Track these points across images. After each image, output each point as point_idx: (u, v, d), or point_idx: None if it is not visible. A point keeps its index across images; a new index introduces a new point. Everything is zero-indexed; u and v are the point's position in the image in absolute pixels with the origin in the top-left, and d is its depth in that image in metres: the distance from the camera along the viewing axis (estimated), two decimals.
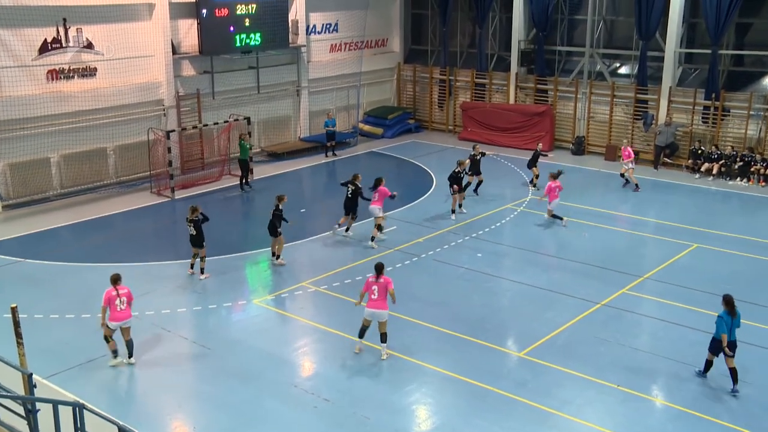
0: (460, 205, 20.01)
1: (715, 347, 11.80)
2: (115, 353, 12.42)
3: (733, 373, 11.64)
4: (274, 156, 26.82)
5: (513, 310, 14.77)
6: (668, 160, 25.31)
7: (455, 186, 19.72)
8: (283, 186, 23.55)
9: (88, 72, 21.86)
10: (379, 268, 12.67)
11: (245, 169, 22.71)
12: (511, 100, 29.10)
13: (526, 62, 28.74)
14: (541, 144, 23.89)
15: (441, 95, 31.37)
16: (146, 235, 19.26)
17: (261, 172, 24.55)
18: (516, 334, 13.83)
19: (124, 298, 12.37)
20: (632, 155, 22.69)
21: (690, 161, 24.79)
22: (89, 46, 21.79)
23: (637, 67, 26.17)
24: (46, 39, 20.83)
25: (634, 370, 12.44)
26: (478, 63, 29.97)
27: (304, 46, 27.73)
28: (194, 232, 15.76)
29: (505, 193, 22.65)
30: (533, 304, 14.93)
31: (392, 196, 18.19)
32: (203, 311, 14.67)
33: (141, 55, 23.00)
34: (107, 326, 12.20)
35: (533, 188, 22.46)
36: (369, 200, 17.90)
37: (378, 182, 18.03)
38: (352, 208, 18.18)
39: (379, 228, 18.07)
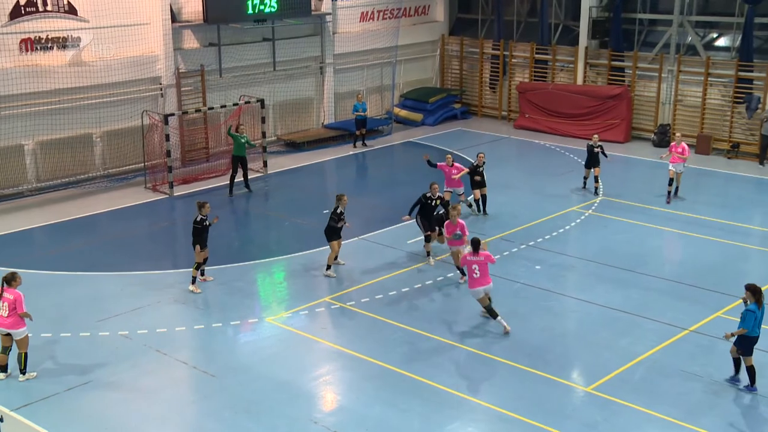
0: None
1: (747, 346, 12.42)
2: (3, 368, 12.70)
3: (751, 371, 12.51)
4: (293, 146, 26.98)
5: (580, 336, 14.61)
6: None
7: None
8: (303, 182, 23.71)
9: (70, 42, 22.17)
10: (476, 244, 14.31)
11: (241, 166, 22.23)
12: (579, 81, 28.88)
13: (598, 34, 28.52)
14: (596, 136, 22.32)
15: (493, 74, 31.26)
16: (139, 238, 19.48)
17: (277, 164, 24.69)
18: (583, 364, 13.66)
19: (5, 303, 12.68)
20: (687, 153, 21.23)
21: None
22: (71, 10, 22.10)
23: (740, 38, 25.76)
24: (18, 1, 21.12)
25: (732, 413, 12.19)
26: (539, 35, 29.80)
27: (330, 14, 27.85)
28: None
29: (570, 193, 22.45)
30: (605, 329, 14.74)
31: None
32: (206, 330, 14.77)
33: (134, 22, 23.28)
34: None
35: (584, 189, 22.12)
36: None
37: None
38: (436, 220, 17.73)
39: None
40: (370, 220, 19.30)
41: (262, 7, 25.17)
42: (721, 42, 27.24)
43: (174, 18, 24.06)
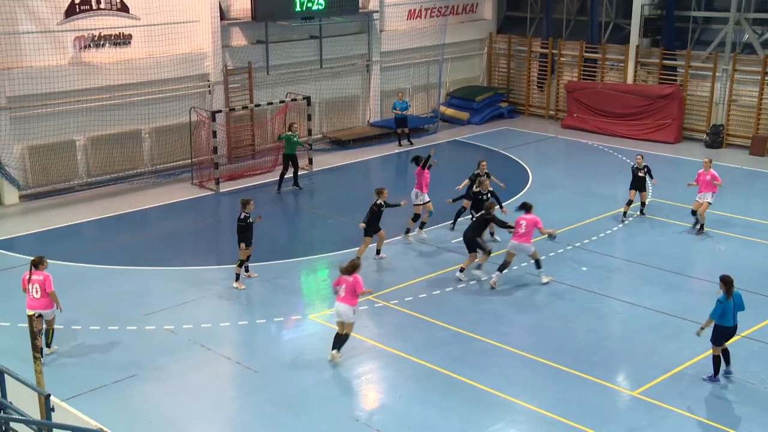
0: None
1: (718, 336, 12.68)
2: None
3: (725, 353, 12.84)
4: (339, 144, 27.12)
5: (626, 339, 14.47)
6: None
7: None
8: (349, 179, 23.83)
9: (122, 40, 22.60)
10: (527, 207, 16.42)
11: (292, 164, 22.43)
12: (630, 80, 28.52)
13: (650, 32, 28.14)
14: (640, 157, 20.19)
15: (541, 73, 31.03)
16: (185, 234, 19.77)
17: (323, 162, 24.84)
18: (630, 368, 13.54)
19: (36, 285, 13.18)
20: (719, 180, 18.86)
21: None
22: (123, 8, 22.52)
23: None
24: (73, 0, 21.62)
25: None
26: (588, 33, 29.50)
27: (377, 11, 27.93)
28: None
29: (618, 193, 22.15)
30: (652, 332, 14.58)
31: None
32: (250, 326, 14.93)
33: (183, 20, 23.64)
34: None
35: (624, 219, 19.88)
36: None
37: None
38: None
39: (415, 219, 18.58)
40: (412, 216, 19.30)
41: (310, 4, 25.33)
42: None
43: (223, 15, 24.34)
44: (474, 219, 17.32)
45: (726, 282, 12.78)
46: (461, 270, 16.77)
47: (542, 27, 30.83)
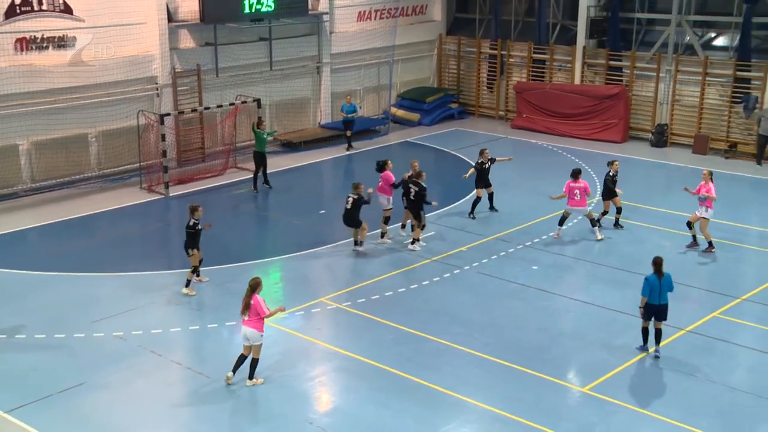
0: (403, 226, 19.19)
1: (646, 311, 13.57)
2: None
3: (658, 334, 13.63)
4: (290, 146, 26.98)
5: (576, 336, 14.59)
6: None
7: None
8: (300, 182, 23.69)
9: (66, 42, 22.14)
10: (576, 173, 18.41)
11: (261, 163, 22.59)
12: (577, 80, 28.88)
13: (596, 33, 28.54)
14: (616, 163, 19.70)
15: (491, 74, 31.25)
16: (134, 239, 19.47)
17: (274, 164, 24.63)
18: (580, 365, 13.67)
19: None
20: (713, 194, 17.76)
21: None
22: (67, 10, 22.06)
23: (739, 37, 25.78)
24: (13, 1, 21.09)
25: (728, 414, 12.19)
26: (536, 34, 29.79)
27: (327, 13, 27.86)
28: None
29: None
30: (601, 329, 14.75)
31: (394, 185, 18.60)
32: (201, 331, 14.76)
33: (130, 22, 23.23)
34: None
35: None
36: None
37: (383, 166, 18.54)
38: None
39: (386, 221, 18.58)
40: (368, 220, 19.27)
41: (259, 6, 25.14)
42: (719, 41, 27.25)
43: (170, 17, 24.03)
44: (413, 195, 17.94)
45: (654, 263, 13.61)
46: (402, 227, 18.54)
47: (491, 28, 31.06)
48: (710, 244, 17.98)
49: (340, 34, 28.76)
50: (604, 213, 19.56)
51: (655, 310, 13.57)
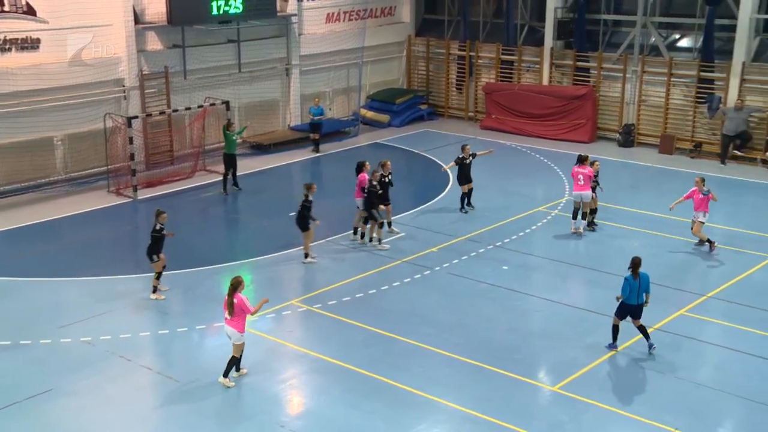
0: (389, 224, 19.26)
1: (621, 310, 13.72)
2: None
3: (642, 330, 13.77)
4: (259, 148, 26.87)
5: (546, 335, 14.68)
6: (739, 153, 25.22)
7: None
8: (270, 184, 23.61)
9: (29, 44, 21.84)
10: (582, 159, 18.84)
11: (231, 165, 22.48)
12: (545, 81, 29.07)
13: (563, 34, 28.73)
14: (596, 163, 19.51)
15: (460, 75, 31.35)
16: (102, 243, 19.24)
17: (243, 167, 24.49)
18: (550, 364, 13.75)
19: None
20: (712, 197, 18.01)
21: (766, 154, 24.69)
22: (30, 11, 21.76)
23: (702, 38, 26.10)
24: None
25: (696, 410, 12.33)
26: (504, 36, 29.95)
27: (295, 15, 27.79)
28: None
29: (536, 192, 22.59)
30: (571, 328, 14.85)
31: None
32: (171, 335, 14.63)
33: (95, 24, 22.95)
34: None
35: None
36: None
37: (360, 167, 18.58)
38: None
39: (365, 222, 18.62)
40: (338, 222, 19.25)
41: (227, 8, 25.00)
42: (684, 43, 27.60)
43: (137, 19, 23.83)
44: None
45: (633, 263, 13.74)
46: (354, 231, 18.74)
47: (460, 30, 31.16)
48: (711, 242, 18.11)
49: (309, 35, 28.70)
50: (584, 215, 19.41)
51: (631, 310, 13.71)
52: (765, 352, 13.84)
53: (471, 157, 20.62)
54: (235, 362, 12.94)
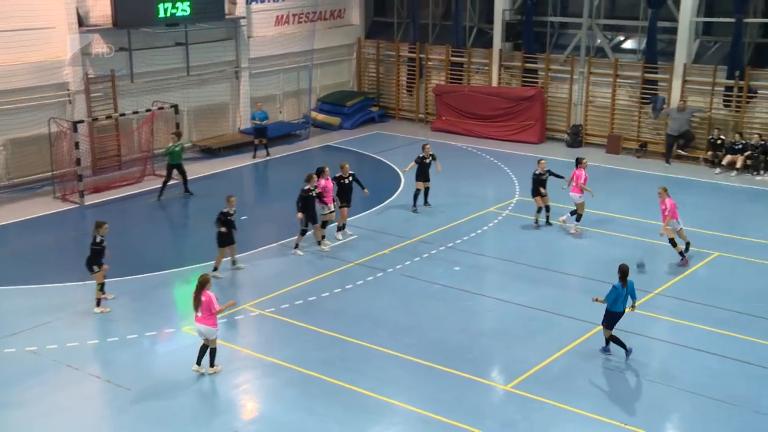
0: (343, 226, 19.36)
1: (609, 320, 13.63)
2: None
3: (615, 340, 13.71)
4: (208, 152, 26.63)
5: (498, 335, 14.78)
6: (682, 152, 25.73)
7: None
8: (220, 188, 23.35)
9: None
10: (579, 161, 19.45)
11: (179, 172, 22.31)
12: (494, 83, 29.32)
13: (511, 36, 29.01)
14: (543, 162, 20.02)
15: (410, 77, 31.47)
16: (48, 250, 18.89)
17: (193, 171, 24.26)
18: (502, 363, 13.86)
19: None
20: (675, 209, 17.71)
21: (709, 153, 25.22)
22: None
23: (645, 40, 26.59)
24: None
25: (645, 405, 12.54)
26: (454, 38, 30.14)
27: (244, 17, 27.61)
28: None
29: (487, 193, 22.78)
30: (522, 327, 14.98)
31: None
32: (120, 343, 14.41)
33: (37, 26, 22.52)
34: None
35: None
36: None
37: (319, 173, 18.51)
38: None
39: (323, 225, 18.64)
40: (288, 226, 19.16)
41: (174, 11, 24.72)
42: (628, 44, 28.07)
43: (81, 22, 23.42)
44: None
45: (621, 271, 13.56)
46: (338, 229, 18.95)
47: (409, 32, 31.27)
48: (682, 254, 17.79)
49: (258, 38, 28.54)
50: (539, 210, 19.77)
51: (619, 318, 13.67)
52: (711, 347, 14.12)
53: (431, 157, 20.82)
54: (214, 352, 13.16)
